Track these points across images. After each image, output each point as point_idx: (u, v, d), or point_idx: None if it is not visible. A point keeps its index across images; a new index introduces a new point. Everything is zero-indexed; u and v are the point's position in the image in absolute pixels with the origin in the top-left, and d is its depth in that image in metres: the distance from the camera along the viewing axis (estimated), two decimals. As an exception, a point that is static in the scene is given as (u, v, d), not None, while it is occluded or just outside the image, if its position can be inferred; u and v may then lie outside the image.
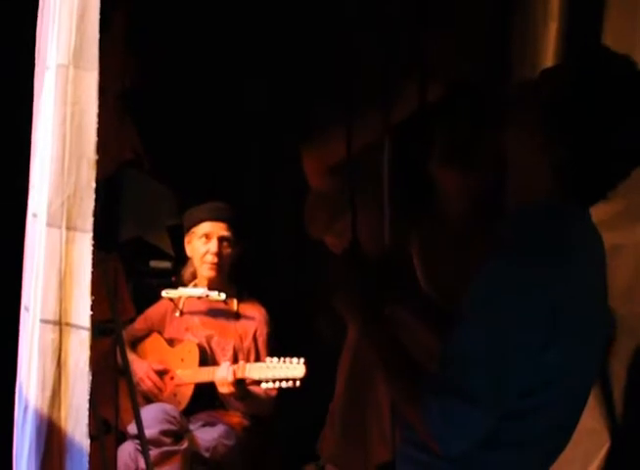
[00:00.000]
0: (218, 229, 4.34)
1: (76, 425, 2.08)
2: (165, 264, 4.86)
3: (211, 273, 4.36)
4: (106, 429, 3.31)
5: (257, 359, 4.27)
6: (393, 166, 2.50)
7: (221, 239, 4.34)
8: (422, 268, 2.51)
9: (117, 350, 2.72)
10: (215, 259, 4.33)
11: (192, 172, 4.70)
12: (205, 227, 4.36)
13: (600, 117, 1.92)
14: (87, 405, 2.09)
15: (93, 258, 2.12)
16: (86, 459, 2.09)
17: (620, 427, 3.31)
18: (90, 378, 2.11)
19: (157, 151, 4.37)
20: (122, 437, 4.02)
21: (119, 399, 4.17)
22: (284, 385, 4.01)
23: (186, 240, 4.45)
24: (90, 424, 2.15)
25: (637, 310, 3.28)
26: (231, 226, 4.35)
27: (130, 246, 4.66)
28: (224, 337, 4.37)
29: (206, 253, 4.34)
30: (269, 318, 4.41)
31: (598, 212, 3.00)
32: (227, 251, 4.35)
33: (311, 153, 2.65)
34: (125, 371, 2.77)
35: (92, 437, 2.19)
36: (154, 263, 4.92)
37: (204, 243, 4.35)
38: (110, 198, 3.08)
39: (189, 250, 4.45)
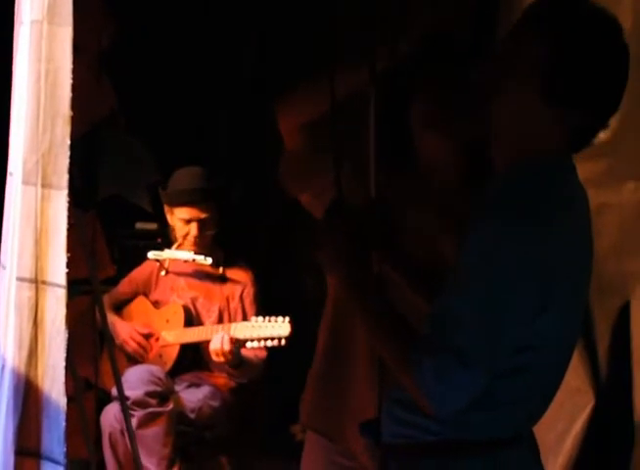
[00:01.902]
0: (197, 213, 4.27)
1: (53, 384, 2.07)
2: (151, 226, 4.84)
3: (194, 248, 4.34)
4: (88, 388, 3.30)
5: (244, 320, 4.26)
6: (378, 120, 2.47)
7: (201, 221, 4.28)
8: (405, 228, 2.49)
9: (96, 308, 2.71)
10: (197, 241, 4.30)
11: (172, 131, 4.66)
12: (184, 213, 4.29)
13: (599, 75, 1.92)
14: (64, 364, 2.07)
15: (69, 216, 2.10)
16: (63, 418, 2.08)
17: (605, 386, 3.32)
18: (66, 336, 2.10)
19: (136, 109, 4.34)
20: (108, 398, 4.02)
21: (104, 361, 4.21)
22: (269, 344, 4.01)
23: (166, 210, 4.40)
24: (68, 383, 2.13)
25: (623, 270, 3.28)
26: (209, 205, 4.27)
27: (114, 206, 4.63)
28: (209, 299, 4.36)
29: (187, 234, 4.31)
30: (255, 280, 4.39)
31: (584, 171, 2.98)
32: (208, 232, 4.32)
33: (285, 111, 2.59)
34: (104, 330, 2.76)
35: (71, 396, 2.18)
36: (140, 225, 4.90)
37: (184, 225, 4.30)
38: (86, 155, 3.05)
39: (170, 220, 4.40)
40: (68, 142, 2.09)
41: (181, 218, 4.30)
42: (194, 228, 4.27)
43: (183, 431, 4.06)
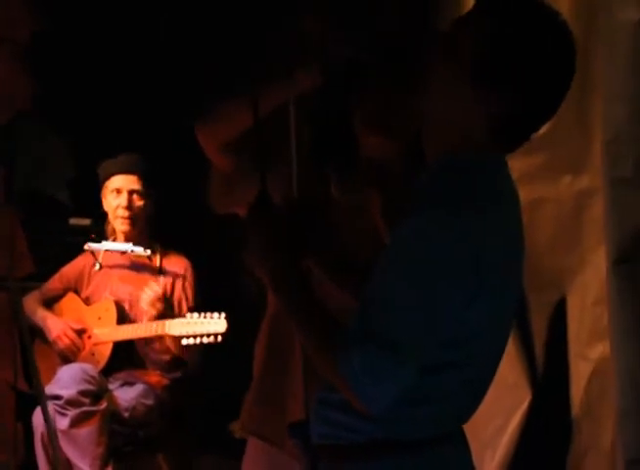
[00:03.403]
0: (128, 183, 4.27)
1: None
2: (85, 222, 4.76)
3: (125, 227, 4.29)
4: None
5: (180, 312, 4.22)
6: (312, 121, 2.43)
7: (132, 192, 4.27)
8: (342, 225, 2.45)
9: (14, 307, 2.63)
10: (127, 213, 4.26)
11: (96, 126, 4.59)
12: (116, 181, 4.29)
13: (532, 64, 1.88)
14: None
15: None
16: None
17: (541, 382, 3.31)
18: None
19: (60, 103, 4.26)
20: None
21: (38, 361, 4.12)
22: (205, 340, 3.97)
23: (102, 195, 4.37)
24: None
25: (558, 264, 3.27)
26: (142, 178, 4.28)
27: (46, 202, 4.56)
28: (144, 292, 4.27)
29: (118, 207, 4.27)
30: (193, 270, 4.34)
31: (520, 165, 3.00)
32: (138, 203, 4.28)
33: (206, 133, 2.54)
34: (20, 330, 2.69)
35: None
36: (73, 221, 4.82)
37: (115, 197, 4.28)
38: (3, 149, 2.97)
39: (105, 205, 4.37)
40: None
41: (113, 189, 4.28)
42: (124, 198, 4.25)
43: (117, 430, 4.00)
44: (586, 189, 3.19)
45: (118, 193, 4.27)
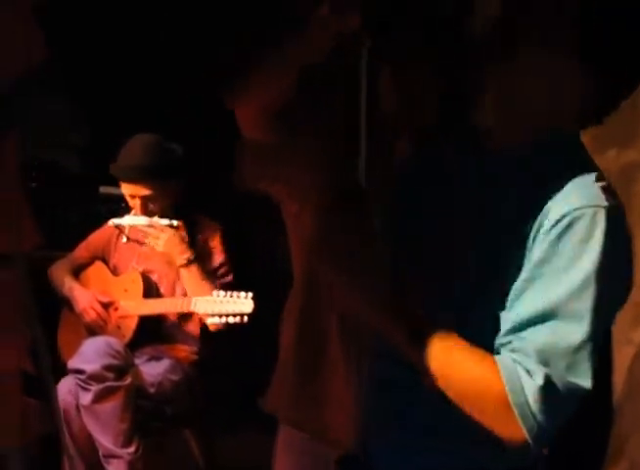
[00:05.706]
0: (139, 190, 4.08)
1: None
2: (116, 190, 4.65)
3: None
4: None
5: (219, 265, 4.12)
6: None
7: (144, 198, 4.10)
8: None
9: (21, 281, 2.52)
10: (144, 215, 4.13)
11: (113, 89, 4.48)
12: (127, 188, 4.12)
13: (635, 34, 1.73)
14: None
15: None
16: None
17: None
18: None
19: (74, 65, 4.15)
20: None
21: (63, 333, 4.12)
22: (231, 320, 3.85)
23: None
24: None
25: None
26: (153, 182, 4.07)
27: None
28: (172, 264, 4.15)
29: (134, 208, 4.15)
30: (224, 231, 4.22)
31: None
32: (154, 205, 4.11)
33: (243, 98, 2.32)
34: (26, 304, 2.56)
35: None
36: (103, 189, 4.72)
37: (130, 199, 4.15)
38: (6, 114, 2.85)
39: None
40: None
41: (127, 193, 4.15)
42: (138, 204, 4.11)
43: (143, 406, 3.92)
44: (632, 162, 3.11)
45: (132, 197, 4.13)
